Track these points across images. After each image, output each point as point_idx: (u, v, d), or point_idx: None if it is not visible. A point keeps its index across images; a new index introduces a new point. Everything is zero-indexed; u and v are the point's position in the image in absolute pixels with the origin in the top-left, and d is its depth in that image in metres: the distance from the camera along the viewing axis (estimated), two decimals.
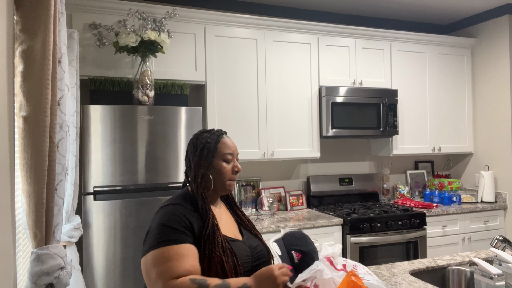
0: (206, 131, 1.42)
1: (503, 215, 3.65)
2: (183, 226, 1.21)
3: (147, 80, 2.60)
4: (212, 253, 1.21)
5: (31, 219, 1.34)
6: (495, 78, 3.76)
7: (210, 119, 2.98)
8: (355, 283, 1.16)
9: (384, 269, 1.82)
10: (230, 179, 1.39)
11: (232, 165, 1.40)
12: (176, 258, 1.15)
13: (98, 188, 2.40)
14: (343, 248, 3.00)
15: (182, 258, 1.15)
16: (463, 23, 4.08)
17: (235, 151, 1.42)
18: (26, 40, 1.35)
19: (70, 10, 2.58)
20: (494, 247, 1.72)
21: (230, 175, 1.39)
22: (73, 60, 2.16)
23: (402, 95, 3.64)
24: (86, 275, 2.35)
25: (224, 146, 1.38)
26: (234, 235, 1.37)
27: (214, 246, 1.22)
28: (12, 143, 1.35)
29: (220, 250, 1.22)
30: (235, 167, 1.40)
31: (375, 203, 3.60)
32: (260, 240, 1.44)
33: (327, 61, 3.37)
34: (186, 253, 1.16)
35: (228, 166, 1.38)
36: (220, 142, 1.39)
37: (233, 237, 1.34)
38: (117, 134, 2.45)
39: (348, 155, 3.85)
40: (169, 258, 1.14)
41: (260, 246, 1.39)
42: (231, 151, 1.39)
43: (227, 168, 1.38)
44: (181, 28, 2.91)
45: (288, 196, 3.48)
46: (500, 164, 3.73)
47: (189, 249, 1.19)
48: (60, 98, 1.51)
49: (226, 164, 1.38)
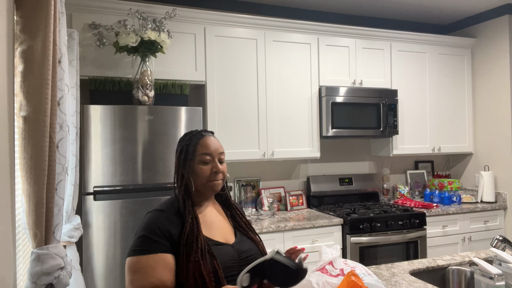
0: (189, 133, 1.41)
1: (503, 215, 3.65)
2: (158, 235, 1.23)
3: (147, 80, 2.60)
4: (190, 256, 1.21)
5: (31, 219, 1.34)
6: (495, 78, 3.76)
7: (210, 119, 2.98)
8: (355, 283, 1.16)
9: (384, 269, 1.82)
10: (210, 180, 1.35)
11: (211, 166, 1.35)
12: (144, 270, 1.19)
13: (98, 188, 2.40)
14: (343, 248, 3.00)
15: (150, 270, 1.19)
16: (463, 23, 4.08)
17: (216, 151, 1.37)
18: (26, 40, 1.35)
19: (70, 10, 2.58)
20: (494, 247, 1.72)
21: (210, 176, 1.35)
22: (73, 60, 2.16)
23: (402, 95, 3.64)
24: (86, 275, 2.35)
25: (202, 147, 1.35)
26: (224, 238, 1.34)
27: (191, 249, 1.22)
28: (12, 143, 1.35)
29: (199, 253, 1.22)
30: (214, 168, 1.35)
31: (375, 203, 3.60)
32: (255, 243, 1.39)
33: (327, 61, 3.37)
34: (154, 265, 1.20)
35: (206, 167, 1.35)
36: (199, 144, 1.36)
37: (220, 241, 1.31)
38: (117, 134, 2.45)
39: (348, 155, 3.85)
40: (138, 269, 1.20)
41: (252, 250, 1.35)
42: (209, 152, 1.35)
43: (205, 169, 1.34)
44: (181, 28, 2.91)
45: (288, 196, 3.49)
46: (500, 164, 3.73)
47: (159, 259, 1.21)
48: (60, 98, 1.51)
49: (204, 166, 1.35)
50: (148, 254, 1.21)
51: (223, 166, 1.39)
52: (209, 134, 1.42)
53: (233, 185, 3.39)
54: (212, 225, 1.35)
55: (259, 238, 1.44)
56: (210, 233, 1.31)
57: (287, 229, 2.86)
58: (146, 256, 1.20)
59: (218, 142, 1.41)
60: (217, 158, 1.37)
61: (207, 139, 1.38)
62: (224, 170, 1.39)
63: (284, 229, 2.84)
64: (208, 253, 1.23)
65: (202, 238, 1.25)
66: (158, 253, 1.21)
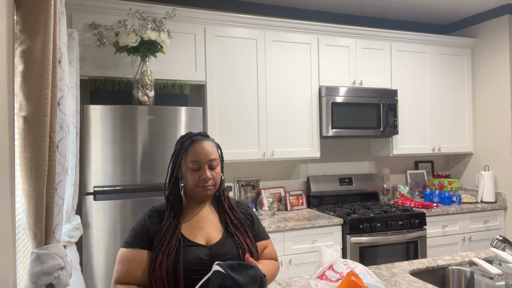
0: (184, 136, 1.41)
1: (503, 215, 3.65)
2: (140, 232, 1.32)
3: (147, 80, 2.60)
4: (157, 255, 1.26)
5: (31, 219, 1.34)
6: (495, 78, 3.76)
7: (210, 119, 2.98)
8: (355, 283, 1.16)
9: (384, 269, 1.82)
10: (199, 187, 1.34)
11: (199, 173, 1.34)
12: (123, 262, 1.28)
13: (98, 188, 2.40)
14: (343, 248, 3.00)
15: (127, 264, 1.28)
16: (463, 23, 4.08)
17: (205, 158, 1.34)
18: (26, 40, 1.35)
19: (70, 10, 2.58)
20: (494, 247, 1.72)
21: (198, 183, 1.34)
22: (73, 60, 2.16)
23: (402, 95, 3.64)
24: (86, 275, 2.35)
25: (191, 154, 1.34)
26: (206, 239, 1.32)
27: (160, 249, 1.27)
28: (12, 143, 1.35)
29: (165, 253, 1.25)
30: (201, 176, 1.33)
31: (375, 203, 3.60)
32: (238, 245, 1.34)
33: (327, 61, 3.37)
34: (131, 259, 1.28)
35: (194, 174, 1.34)
36: (189, 149, 1.35)
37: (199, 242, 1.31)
38: (117, 134, 2.44)
39: (348, 155, 3.85)
40: (120, 260, 1.30)
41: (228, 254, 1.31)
42: (197, 159, 1.33)
43: (193, 176, 1.34)
44: (181, 28, 2.91)
45: (288, 196, 3.48)
46: (500, 164, 3.73)
47: (135, 254, 1.28)
48: (60, 98, 1.51)
49: (192, 172, 1.34)
50: (130, 248, 1.29)
51: (214, 172, 1.36)
52: (202, 139, 1.38)
53: (233, 185, 3.39)
54: (197, 225, 1.35)
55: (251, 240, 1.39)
56: (191, 234, 1.33)
57: (287, 229, 2.86)
58: (128, 250, 1.29)
59: (210, 148, 1.37)
60: (207, 165, 1.35)
61: (197, 145, 1.35)
62: (215, 176, 1.36)
63: (284, 229, 2.84)
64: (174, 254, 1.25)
65: (176, 239, 1.28)
66: (136, 248, 1.29)
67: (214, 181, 1.37)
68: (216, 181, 1.38)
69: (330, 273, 1.33)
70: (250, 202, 3.39)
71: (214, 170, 1.37)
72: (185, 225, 1.34)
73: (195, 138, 1.38)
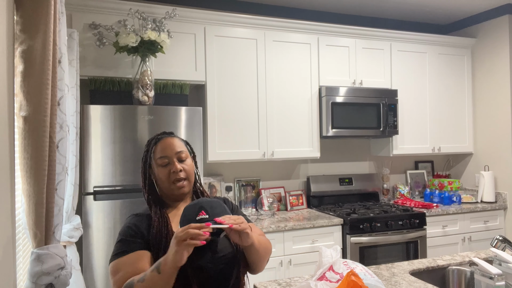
0: (150, 139, 1.42)
1: (503, 215, 3.65)
2: (134, 236, 1.27)
3: (147, 80, 2.60)
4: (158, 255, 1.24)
5: (31, 219, 1.34)
6: (495, 78, 3.76)
7: (210, 119, 2.98)
8: (355, 283, 1.16)
9: (384, 269, 1.82)
10: (173, 182, 1.34)
11: (169, 167, 1.34)
12: (125, 267, 1.22)
13: (98, 188, 2.40)
14: (343, 248, 3.00)
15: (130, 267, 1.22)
16: (463, 23, 4.08)
17: (172, 152, 1.35)
18: (26, 40, 1.35)
19: (70, 10, 2.58)
20: (494, 247, 1.72)
21: (170, 177, 1.34)
22: (73, 60, 2.16)
23: (402, 95, 3.64)
24: (86, 275, 2.35)
25: (157, 152, 1.36)
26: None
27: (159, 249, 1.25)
28: (12, 143, 1.35)
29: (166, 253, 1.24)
30: (171, 169, 1.33)
31: (375, 203, 3.60)
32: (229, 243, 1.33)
33: (327, 61, 3.37)
34: (134, 261, 1.23)
35: (164, 170, 1.34)
36: (155, 148, 1.38)
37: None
38: (117, 134, 2.44)
39: (348, 155, 3.85)
40: (119, 268, 1.23)
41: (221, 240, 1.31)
42: (164, 154, 1.35)
43: (164, 172, 1.34)
44: (181, 28, 2.91)
45: (288, 196, 3.48)
46: (500, 164, 3.73)
47: (138, 255, 1.24)
48: (60, 98, 1.51)
49: (162, 169, 1.35)
50: (128, 253, 1.24)
51: (185, 165, 1.36)
52: (166, 136, 1.41)
53: (233, 185, 3.39)
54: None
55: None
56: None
57: (287, 229, 2.86)
58: (126, 256, 1.24)
59: (176, 142, 1.38)
60: (175, 158, 1.35)
61: (162, 142, 1.38)
62: (186, 169, 1.36)
63: (284, 229, 2.84)
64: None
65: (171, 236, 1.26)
66: (136, 251, 1.25)
67: (186, 174, 1.36)
68: (188, 174, 1.37)
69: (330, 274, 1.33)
70: (250, 202, 3.39)
71: (184, 162, 1.37)
72: (174, 224, 1.34)
73: (159, 137, 1.41)
